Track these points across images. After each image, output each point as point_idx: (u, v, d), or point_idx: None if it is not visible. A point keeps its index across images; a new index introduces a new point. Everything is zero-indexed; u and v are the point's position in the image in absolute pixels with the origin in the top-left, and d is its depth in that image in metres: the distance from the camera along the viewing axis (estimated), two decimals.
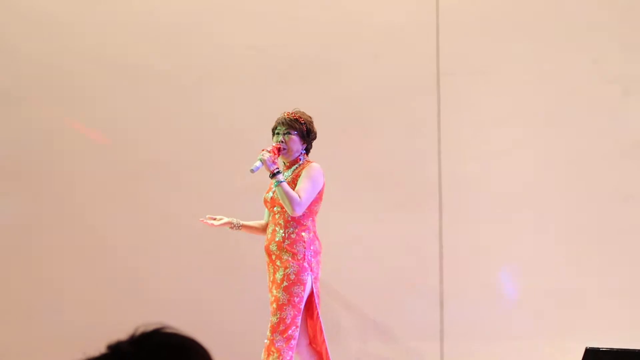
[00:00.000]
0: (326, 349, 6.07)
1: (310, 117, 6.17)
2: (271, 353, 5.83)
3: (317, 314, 6.05)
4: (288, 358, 5.87)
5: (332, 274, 7.19)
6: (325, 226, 6.96)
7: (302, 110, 6.17)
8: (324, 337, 6.08)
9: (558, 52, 7.48)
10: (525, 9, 7.62)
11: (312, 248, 6.02)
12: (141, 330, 1.81)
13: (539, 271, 7.30)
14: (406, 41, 7.69)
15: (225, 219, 6.16)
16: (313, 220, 6.11)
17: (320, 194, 6.10)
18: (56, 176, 7.92)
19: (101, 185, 7.76)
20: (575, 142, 7.39)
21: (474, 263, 7.45)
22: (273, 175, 5.88)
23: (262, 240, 6.21)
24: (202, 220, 6.19)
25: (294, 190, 5.92)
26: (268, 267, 6.10)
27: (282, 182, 5.87)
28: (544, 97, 7.47)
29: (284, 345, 5.86)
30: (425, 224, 7.50)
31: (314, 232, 6.10)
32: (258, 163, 5.87)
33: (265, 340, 5.88)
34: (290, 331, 5.88)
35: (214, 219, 6.16)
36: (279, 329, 5.86)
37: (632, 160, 7.31)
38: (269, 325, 5.91)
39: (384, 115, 7.64)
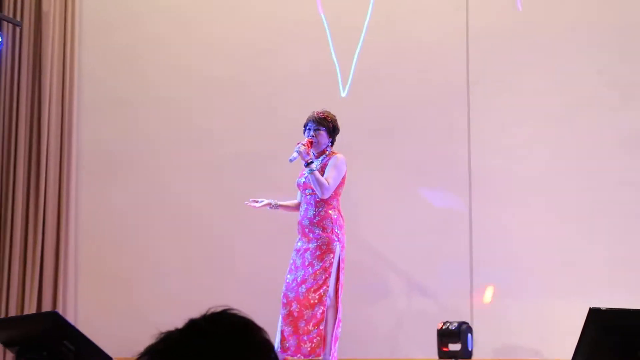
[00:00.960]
0: (339, 302, 6.39)
1: (334, 116, 6.54)
2: (308, 307, 6.23)
3: (339, 276, 6.38)
4: (321, 311, 6.21)
5: (383, 246, 7.79)
6: (382, 210, 7.77)
7: (328, 110, 6.53)
8: (339, 294, 6.39)
9: (568, 64, 7.65)
10: (541, 29, 7.73)
11: (338, 223, 6.39)
12: (212, 310, 1.90)
13: (552, 244, 7.49)
14: (441, 57, 7.88)
15: (265, 201, 6.54)
16: (338, 201, 6.47)
17: (343, 179, 6.47)
18: (156, 168, 8.17)
19: (194, 176, 7.95)
20: (582, 138, 7.58)
21: (496, 237, 7.65)
22: (307, 164, 6.26)
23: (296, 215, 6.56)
24: (247, 203, 6.56)
25: (322, 176, 6.34)
26: (301, 237, 6.47)
27: (314, 170, 6.25)
28: (556, 102, 7.63)
29: (318, 302, 6.24)
30: (456, 200, 7.80)
31: (339, 210, 6.45)
32: (295, 154, 6.26)
33: (284, 298, 6.32)
34: (322, 290, 6.25)
35: (256, 202, 6.55)
36: (317, 292, 6.26)
37: (628, 153, 7.47)
38: (308, 290, 6.27)
39: (424, 118, 7.85)
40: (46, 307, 7.96)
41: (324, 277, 6.27)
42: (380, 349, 7.64)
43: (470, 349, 7.07)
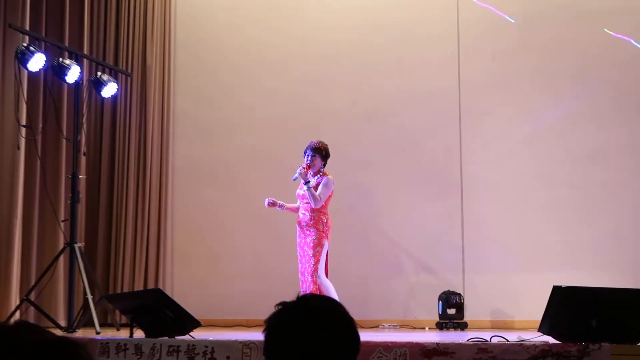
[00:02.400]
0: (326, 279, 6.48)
1: (326, 145, 6.58)
2: (310, 286, 6.31)
3: (327, 261, 6.50)
4: (316, 282, 6.30)
5: (398, 237, 7.75)
6: (398, 209, 7.74)
7: (322, 140, 6.58)
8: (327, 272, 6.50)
9: (534, 101, 7.54)
10: (514, 75, 7.66)
11: (327, 224, 6.45)
12: (301, 294, 1.92)
13: (524, 232, 7.40)
14: (437, 99, 7.74)
15: (279, 202, 6.58)
16: (326, 207, 6.48)
17: (332, 193, 6.50)
18: (230, 176, 8.12)
19: (259, 182, 7.77)
20: (544, 154, 7.48)
21: (482, 228, 7.53)
22: (306, 182, 6.35)
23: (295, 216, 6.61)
24: (266, 203, 6.57)
25: (316, 191, 6.39)
26: (300, 232, 6.52)
27: (310, 187, 6.35)
28: (526, 128, 7.57)
29: (313, 277, 6.31)
30: (451, 204, 7.63)
31: (327, 215, 6.48)
32: (297, 175, 6.40)
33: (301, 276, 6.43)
34: (317, 274, 6.34)
35: (277, 203, 6.57)
36: (313, 274, 6.32)
37: (578, 164, 7.38)
38: (308, 267, 6.37)
39: (427, 140, 7.77)
40: (150, 284, 7.99)
41: (314, 262, 6.33)
42: (397, 311, 7.62)
43: (460, 312, 7.16)
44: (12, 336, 1.83)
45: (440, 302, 7.18)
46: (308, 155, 6.48)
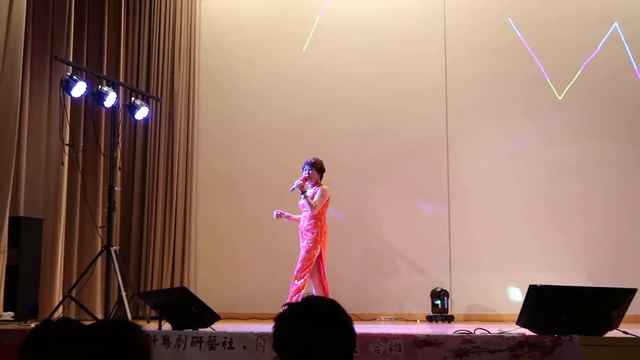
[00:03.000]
0: (327, 287, 6.40)
1: (322, 161, 6.53)
2: (296, 279, 6.23)
3: (324, 268, 6.39)
4: (299, 284, 6.20)
5: (395, 241, 7.74)
6: (394, 217, 7.70)
7: (318, 157, 6.52)
8: (326, 281, 6.40)
9: (516, 119, 7.56)
10: (497, 99, 7.63)
11: (322, 230, 6.36)
12: (307, 295, 2.01)
13: (504, 236, 7.33)
14: (427, 119, 7.76)
15: (286, 214, 6.59)
16: (323, 215, 6.40)
17: (327, 201, 6.42)
18: (247, 189, 8.10)
19: (271, 195, 7.66)
20: (523, 167, 7.45)
21: (466, 234, 7.49)
22: (302, 192, 6.33)
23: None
24: (275, 214, 6.56)
25: (312, 200, 6.34)
26: (301, 237, 6.44)
27: (307, 196, 6.32)
28: (507, 144, 7.55)
29: (299, 277, 6.23)
30: (440, 212, 7.60)
31: (324, 222, 6.40)
32: (294, 185, 6.36)
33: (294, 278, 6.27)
34: (303, 272, 6.25)
35: (284, 214, 6.57)
36: (302, 271, 6.26)
37: (552, 176, 7.34)
38: (296, 268, 6.29)
39: (418, 155, 7.73)
40: (176, 282, 7.99)
41: (306, 264, 6.27)
42: (393, 306, 7.59)
43: (447, 307, 7.12)
44: (68, 324, 2.06)
45: (431, 298, 7.15)
46: (306, 169, 6.47)
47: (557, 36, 7.59)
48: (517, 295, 7.16)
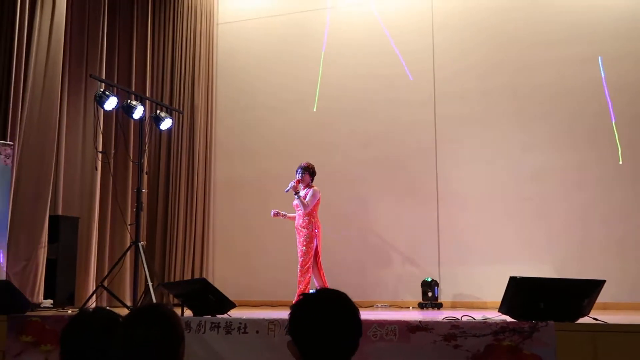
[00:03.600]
0: (324, 276, 6.34)
1: (313, 165, 6.48)
2: (301, 275, 6.20)
3: (320, 259, 6.34)
4: (307, 277, 6.17)
5: (389, 236, 7.66)
6: (387, 215, 7.63)
7: (310, 162, 6.49)
8: (322, 270, 6.34)
9: (496, 129, 7.46)
10: (481, 109, 7.53)
11: (316, 226, 6.30)
12: (320, 287, 2.11)
13: (487, 233, 7.24)
14: (416, 132, 7.68)
15: (282, 213, 6.50)
16: (315, 212, 6.33)
17: (318, 201, 6.35)
18: (259, 190, 8.05)
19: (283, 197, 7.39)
20: (504, 172, 7.36)
21: (453, 231, 7.42)
22: (296, 193, 6.29)
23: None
24: (273, 213, 6.48)
25: (305, 200, 6.30)
26: (296, 234, 6.40)
27: (300, 196, 6.28)
28: (490, 151, 7.43)
29: (305, 271, 6.19)
30: (429, 211, 7.52)
31: (317, 219, 6.34)
32: (289, 187, 6.34)
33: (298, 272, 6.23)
34: (307, 265, 6.20)
35: (278, 213, 6.47)
36: (304, 265, 6.22)
37: (529, 180, 7.24)
38: (299, 264, 6.25)
39: (409, 161, 7.67)
40: (196, 273, 7.99)
41: (307, 257, 6.22)
42: (388, 294, 7.54)
43: (437, 295, 7.08)
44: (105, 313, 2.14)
45: (422, 287, 7.11)
46: (299, 172, 6.41)
47: (534, 55, 7.54)
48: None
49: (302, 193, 6.34)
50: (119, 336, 1.96)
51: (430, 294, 7.03)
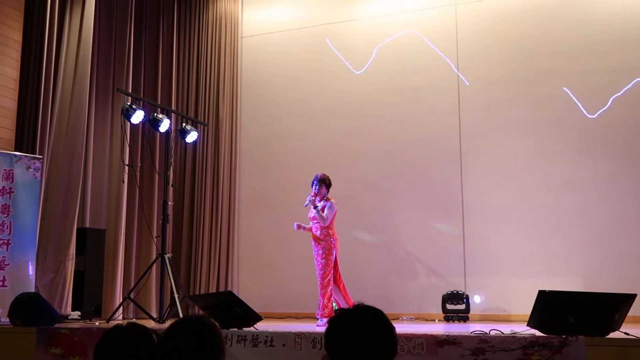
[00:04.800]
0: (345, 288, 6.28)
1: (329, 177, 6.38)
2: (322, 288, 6.13)
3: (339, 271, 6.26)
4: (329, 290, 6.11)
5: (414, 249, 7.59)
6: (413, 227, 7.60)
7: (326, 174, 6.41)
8: (343, 282, 6.28)
9: (521, 140, 7.37)
10: (506, 118, 7.48)
11: (334, 237, 6.22)
12: (357, 302, 1.92)
13: (513, 245, 7.16)
14: (440, 141, 7.63)
15: (303, 226, 6.38)
16: (332, 224, 6.24)
17: (335, 213, 6.25)
18: (282, 202, 8.01)
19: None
20: (527, 183, 7.26)
21: (479, 243, 7.33)
22: (315, 207, 6.19)
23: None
24: (296, 227, 6.36)
25: (323, 213, 6.20)
26: (314, 246, 6.28)
27: (319, 210, 6.18)
28: (514, 161, 7.35)
29: (326, 284, 6.11)
30: (455, 222, 7.48)
31: (334, 230, 6.24)
32: (307, 202, 6.24)
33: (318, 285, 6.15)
34: (327, 278, 6.13)
35: (302, 226, 6.37)
36: (324, 278, 6.14)
37: (551, 192, 7.16)
38: (319, 277, 6.16)
39: (433, 173, 7.62)
40: (221, 285, 8.00)
41: (328, 270, 6.15)
42: (413, 307, 7.47)
43: (463, 308, 7.00)
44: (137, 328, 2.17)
45: (448, 300, 7.06)
46: (315, 185, 6.32)
47: (560, 64, 7.49)
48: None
49: (320, 205, 6.27)
50: (157, 348, 2.00)
51: (456, 307, 6.96)
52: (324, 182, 6.36)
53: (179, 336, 1.95)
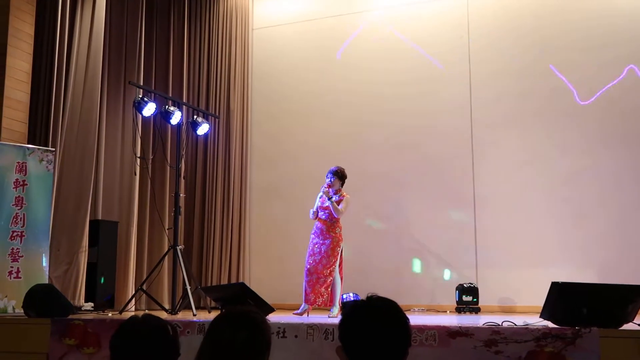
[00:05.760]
0: (342, 277, 6.26)
1: (344, 169, 6.37)
2: (323, 277, 6.12)
3: (342, 260, 6.25)
4: (329, 281, 6.13)
5: (426, 240, 7.57)
6: (425, 219, 7.56)
7: (340, 166, 6.39)
8: (342, 270, 6.27)
9: (534, 131, 7.35)
10: (519, 109, 7.44)
11: (341, 230, 6.25)
12: (370, 294, 1.92)
13: (525, 236, 7.11)
14: (452, 131, 7.59)
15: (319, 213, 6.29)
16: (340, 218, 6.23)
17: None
18: (293, 195, 8.02)
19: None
20: (543, 174, 7.24)
21: (490, 234, 7.30)
22: (329, 198, 6.18)
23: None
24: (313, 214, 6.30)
25: (338, 205, 6.19)
26: (319, 235, 6.23)
27: (333, 202, 6.16)
28: (526, 152, 7.32)
29: (330, 275, 6.13)
30: (466, 214, 7.44)
31: (340, 223, 6.25)
32: (321, 193, 6.28)
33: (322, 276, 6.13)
34: (331, 268, 6.14)
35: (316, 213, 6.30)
36: (328, 269, 6.14)
37: (565, 183, 7.12)
38: (322, 267, 6.14)
39: (446, 164, 7.59)
40: (233, 277, 8.00)
41: (333, 261, 6.15)
42: (424, 298, 7.46)
43: (474, 300, 7.01)
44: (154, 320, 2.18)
45: (458, 291, 7.05)
46: (330, 177, 6.33)
47: (571, 57, 7.44)
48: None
49: (335, 198, 6.27)
50: (204, 340, 2.01)
51: (467, 298, 6.95)
52: (337, 175, 6.35)
53: (227, 327, 1.97)
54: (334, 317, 5.96)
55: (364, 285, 6.40)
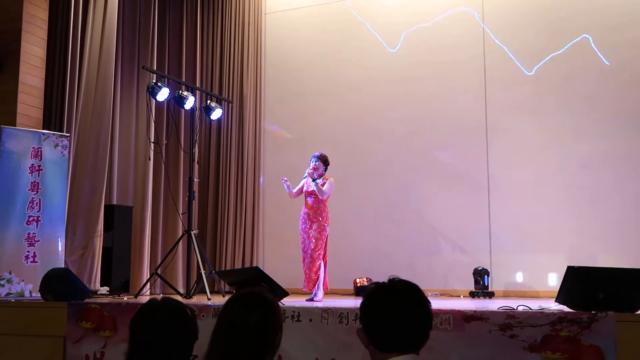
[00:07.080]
0: (326, 262, 6.31)
1: (326, 155, 6.46)
2: (313, 261, 6.19)
3: (326, 244, 6.30)
4: (317, 264, 6.18)
5: (439, 225, 7.55)
6: (438, 204, 7.54)
7: (323, 153, 6.48)
8: (326, 255, 6.31)
9: (550, 115, 7.27)
10: (534, 92, 7.37)
11: (328, 214, 6.31)
12: (392, 276, 1.91)
13: (539, 221, 7.07)
14: (467, 108, 7.55)
15: (288, 183, 6.44)
16: (326, 201, 6.31)
17: (331, 192, 6.33)
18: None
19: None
20: (559, 159, 7.19)
21: (504, 219, 7.25)
22: (313, 180, 6.26)
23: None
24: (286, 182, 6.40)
25: (323, 187, 6.24)
26: (306, 220, 6.31)
27: (317, 184, 6.23)
28: (542, 136, 7.27)
29: (316, 258, 6.17)
30: (480, 198, 7.39)
31: (327, 207, 6.32)
32: (306, 174, 6.35)
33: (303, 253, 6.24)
34: (318, 252, 6.19)
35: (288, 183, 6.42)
36: (316, 252, 6.19)
37: (582, 168, 7.06)
38: (311, 251, 6.21)
39: (458, 147, 7.54)
40: (247, 261, 8.03)
41: (320, 244, 6.20)
42: (438, 283, 7.42)
43: (488, 284, 6.97)
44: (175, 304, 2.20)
45: (474, 275, 7.02)
46: (314, 160, 6.40)
47: (587, 40, 7.33)
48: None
49: (319, 181, 6.32)
50: (218, 320, 2.04)
51: (481, 283, 6.93)
52: (321, 159, 6.43)
53: (240, 308, 1.99)
54: (319, 300, 6.06)
55: (377, 270, 6.43)
